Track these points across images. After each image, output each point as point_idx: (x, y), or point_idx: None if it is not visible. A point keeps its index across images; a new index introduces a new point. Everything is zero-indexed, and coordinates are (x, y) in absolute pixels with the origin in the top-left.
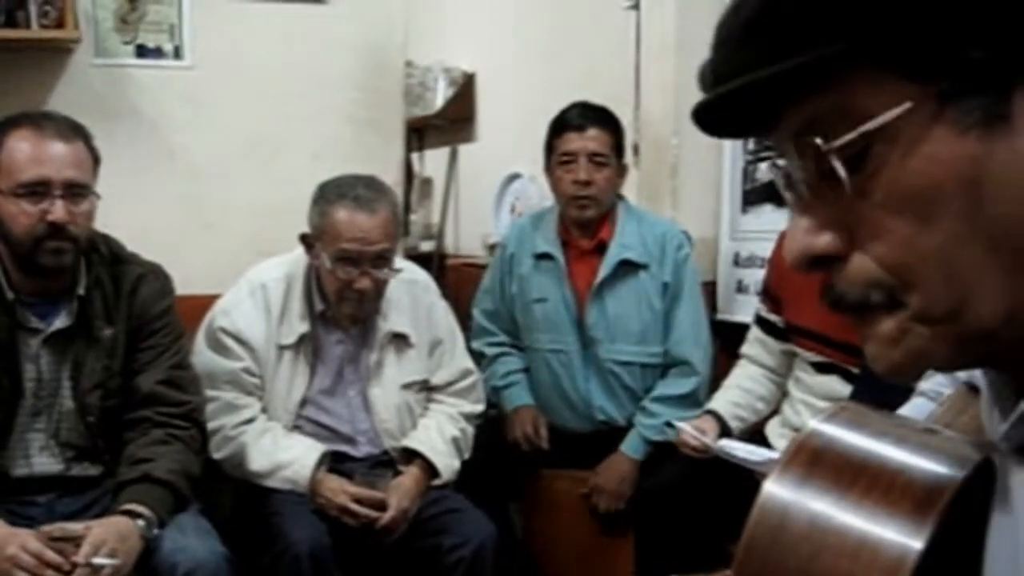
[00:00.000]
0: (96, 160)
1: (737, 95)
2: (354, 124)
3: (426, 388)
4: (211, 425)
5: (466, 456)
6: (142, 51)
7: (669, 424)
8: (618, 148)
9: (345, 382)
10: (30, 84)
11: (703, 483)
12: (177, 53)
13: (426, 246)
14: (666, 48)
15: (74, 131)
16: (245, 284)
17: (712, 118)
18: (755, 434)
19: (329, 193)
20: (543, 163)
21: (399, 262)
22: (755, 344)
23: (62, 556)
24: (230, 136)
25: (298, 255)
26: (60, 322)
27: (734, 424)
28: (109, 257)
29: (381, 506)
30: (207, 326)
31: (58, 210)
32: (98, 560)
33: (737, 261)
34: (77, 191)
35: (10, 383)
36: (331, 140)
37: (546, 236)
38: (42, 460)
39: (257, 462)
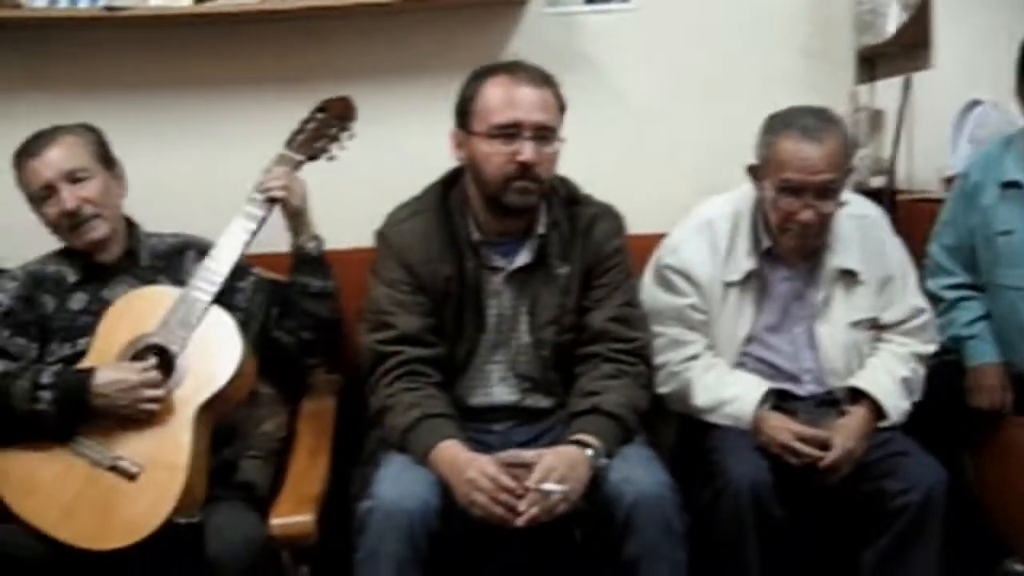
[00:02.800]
0: (562, 107)
1: None
2: (802, 56)
3: (875, 326)
4: (656, 360)
5: (916, 398)
6: None
7: None
8: None
9: (791, 319)
10: (487, 37)
11: None
12: None
13: (876, 181)
14: None
15: (544, 78)
16: (692, 221)
17: None
18: None
19: (776, 123)
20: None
21: (846, 196)
22: None
23: (515, 481)
24: (677, 76)
25: (745, 191)
26: (521, 260)
27: None
28: (566, 198)
29: (825, 446)
30: (654, 264)
31: (527, 151)
32: (548, 486)
33: None
34: (545, 134)
35: (475, 318)
36: (778, 74)
37: (1017, 162)
38: (500, 390)
39: (701, 397)
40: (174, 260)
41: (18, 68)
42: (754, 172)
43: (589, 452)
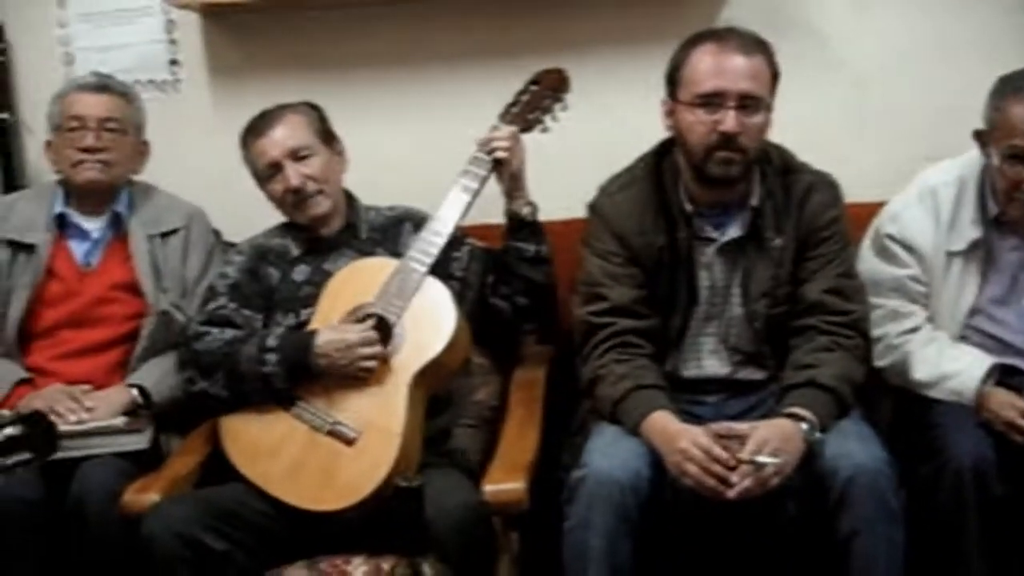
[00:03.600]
0: (775, 75)
1: None
2: None
3: None
4: (874, 333)
5: None
6: None
7: None
8: None
9: (1019, 291)
10: (701, 5)
11: None
12: None
13: None
14: None
15: (756, 45)
16: (914, 189)
17: None
18: None
19: (1006, 86)
20: None
21: None
22: None
23: (728, 452)
24: (899, 38)
25: (971, 157)
26: (733, 232)
27: None
28: (780, 167)
29: None
30: (874, 233)
31: (729, 121)
32: (761, 458)
33: None
34: (750, 103)
35: (687, 290)
36: (1008, 34)
37: None
38: (712, 363)
39: (921, 371)
40: (392, 232)
41: (237, 51)
42: (981, 137)
43: (803, 426)
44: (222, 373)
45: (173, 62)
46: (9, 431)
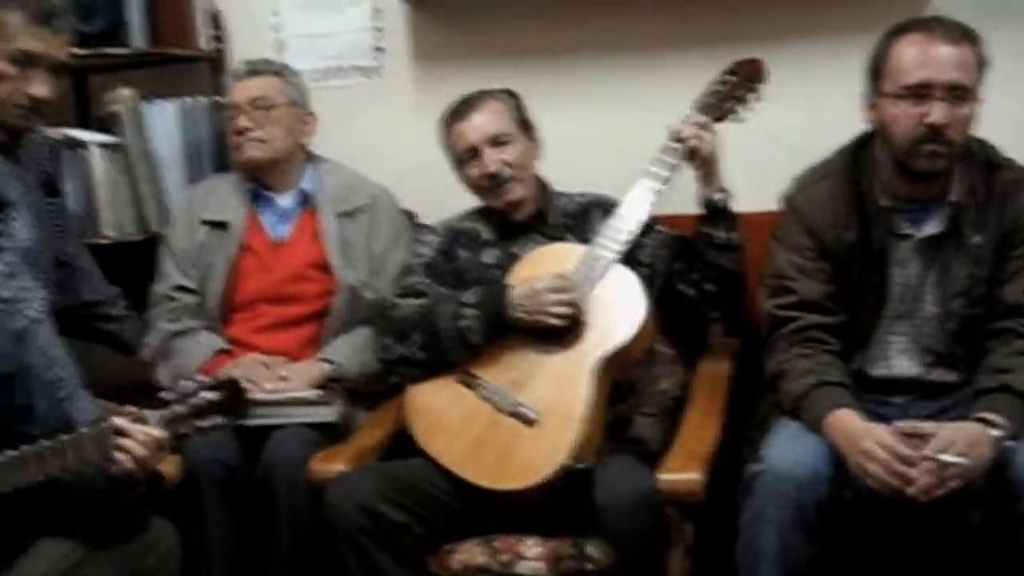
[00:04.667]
0: (981, 65)
1: None
2: None
3: None
4: None
5: None
6: None
7: None
8: None
9: None
10: None
11: None
12: None
13: None
14: None
15: (963, 34)
16: None
17: None
18: None
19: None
20: None
21: None
22: None
23: (912, 451)
24: None
25: None
26: (931, 228)
27: None
28: (984, 162)
29: None
30: None
31: (937, 112)
32: (946, 457)
33: None
34: (959, 94)
35: (878, 287)
36: None
37: None
38: (901, 363)
39: None
40: (582, 219)
41: (441, 38)
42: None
43: (994, 432)
44: (419, 333)
45: (378, 49)
46: (207, 395)
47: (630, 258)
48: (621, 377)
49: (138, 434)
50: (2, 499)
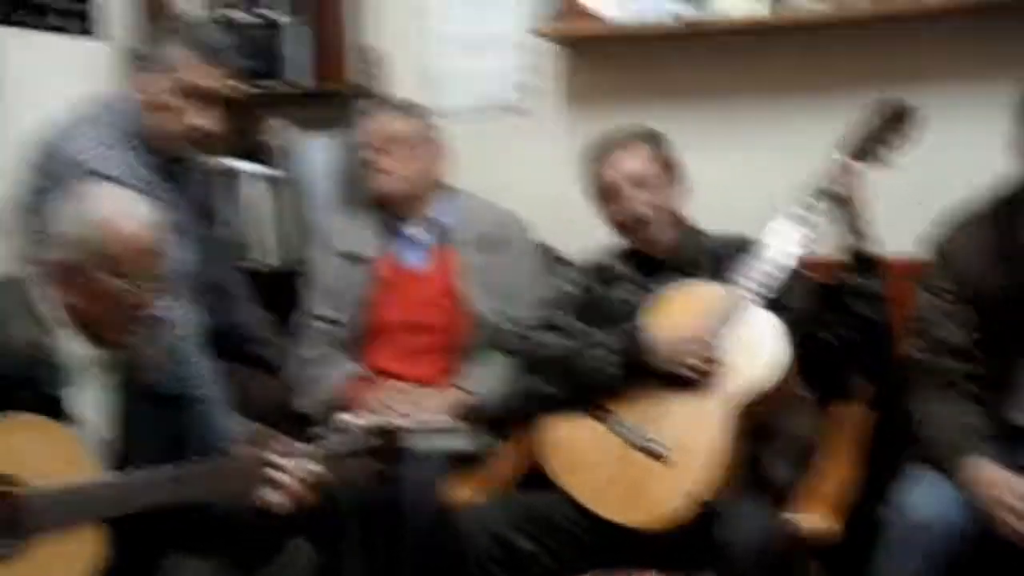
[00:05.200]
0: None
1: None
2: None
3: None
4: None
5: None
6: None
7: None
8: None
9: None
10: None
11: None
12: None
13: None
14: None
15: None
16: None
17: None
18: None
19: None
20: None
21: None
22: None
23: None
24: None
25: None
26: None
27: None
28: None
29: None
30: None
31: None
32: None
33: None
34: None
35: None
36: None
37: None
38: None
39: None
40: (721, 257)
41: (590, 79)
42: None
43: None
44: (564, 374)
45: (529, 89)
46: (366, 439)
47: (774, 302)
48: (756, 420)
49: (296, 470)
50: (143, 515)
